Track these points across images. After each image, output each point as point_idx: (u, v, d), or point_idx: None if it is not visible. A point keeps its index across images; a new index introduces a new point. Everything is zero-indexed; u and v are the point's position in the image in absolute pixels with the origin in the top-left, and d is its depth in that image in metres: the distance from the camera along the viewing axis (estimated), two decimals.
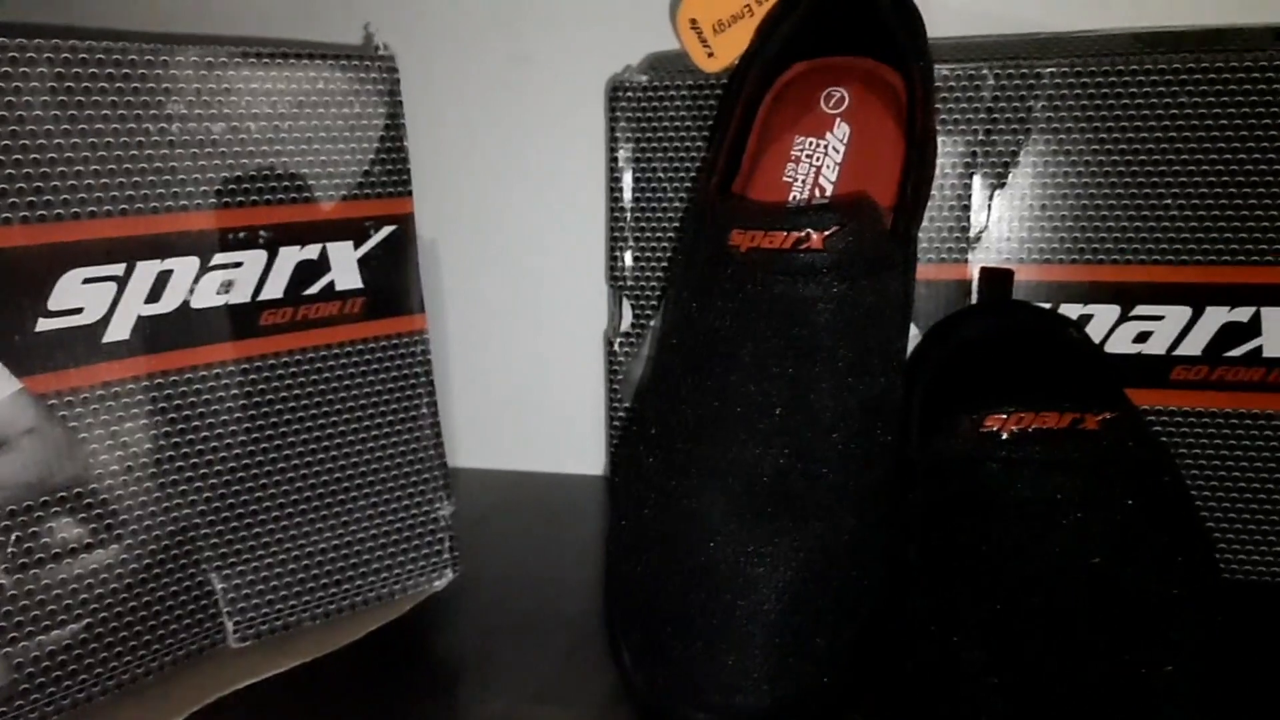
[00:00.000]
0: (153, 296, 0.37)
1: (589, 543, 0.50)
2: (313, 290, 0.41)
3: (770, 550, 0.36)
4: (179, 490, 0.39)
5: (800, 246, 0.34)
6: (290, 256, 0.40)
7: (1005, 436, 0.33)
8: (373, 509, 0.43)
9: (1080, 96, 0.43)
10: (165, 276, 0.37)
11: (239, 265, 0.39)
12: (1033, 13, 0.49)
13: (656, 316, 0.50)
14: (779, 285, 0.35)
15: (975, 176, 0.45)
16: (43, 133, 0.34)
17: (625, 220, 0.50)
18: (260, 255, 0.40)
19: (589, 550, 0.49)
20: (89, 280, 0.36)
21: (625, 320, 0.51)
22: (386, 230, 0.43)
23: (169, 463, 0.38)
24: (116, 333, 0.36)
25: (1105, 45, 0.45)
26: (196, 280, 0.38)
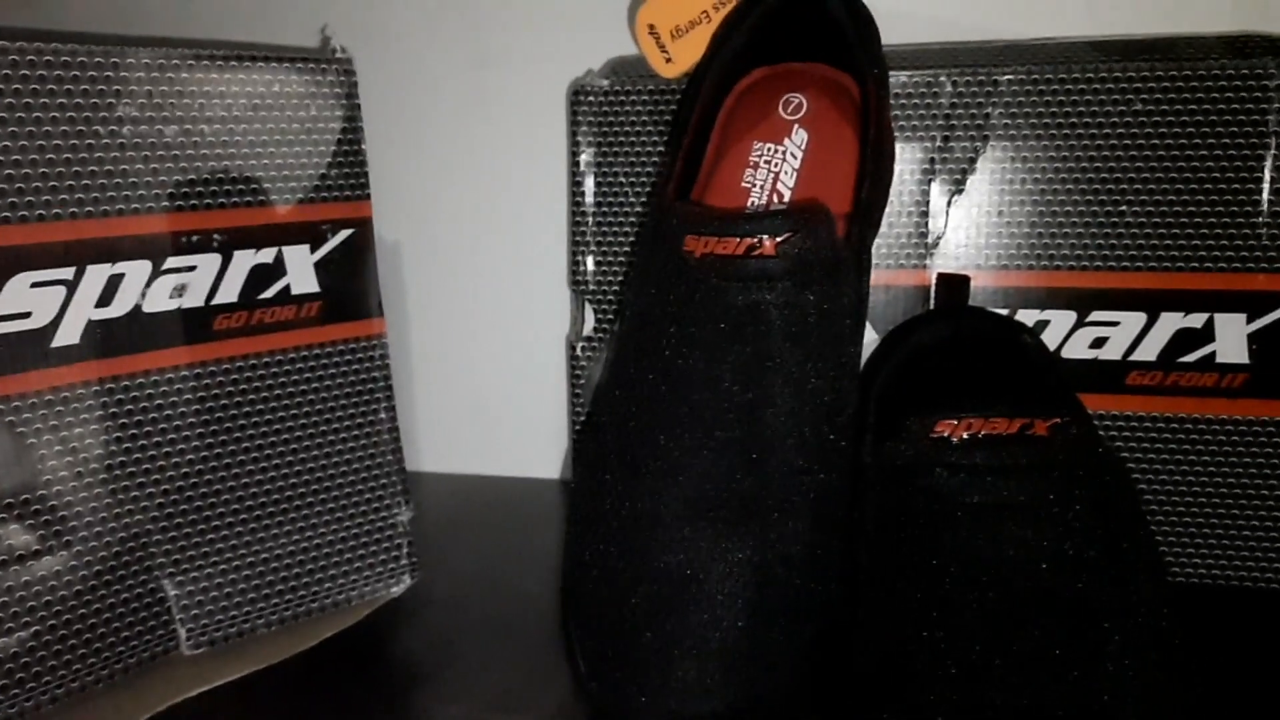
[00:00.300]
0: (103, 300, 0.37)
1: (551, 547, 0.50)
2: (268, 294, 0.41)
3: (725, 556, 0.36)
4: (131, 496, 0.38)
5: (753, 252, 0.34)
6: (245, 260, 0.40)
7: (956, 442, 0.33)
8: (329, 514, 0.43)
9: (1037, 104, 0.44)
10: (116, 280, 0.37)
11: (192, 269, 0.39)
12: (991, 20, 0.50)
13: (619, 321, 0.50)
14: (732, 291, 0.35)
15: (934, 183, 0.45)
16: None
17: (587, 224, 0.50)
18: (214, 259, 0.39)
19: (550, 555, 0.49)
20: (37, 284, 0.35)
21: (587, 324, 0.51)
22: (344, 233, 0.43)
23: (120, 468, 0.38)
24: (66, 337, 0.36)
25: (1062, 53, 0.45)
26: (148, 284, 0.38)
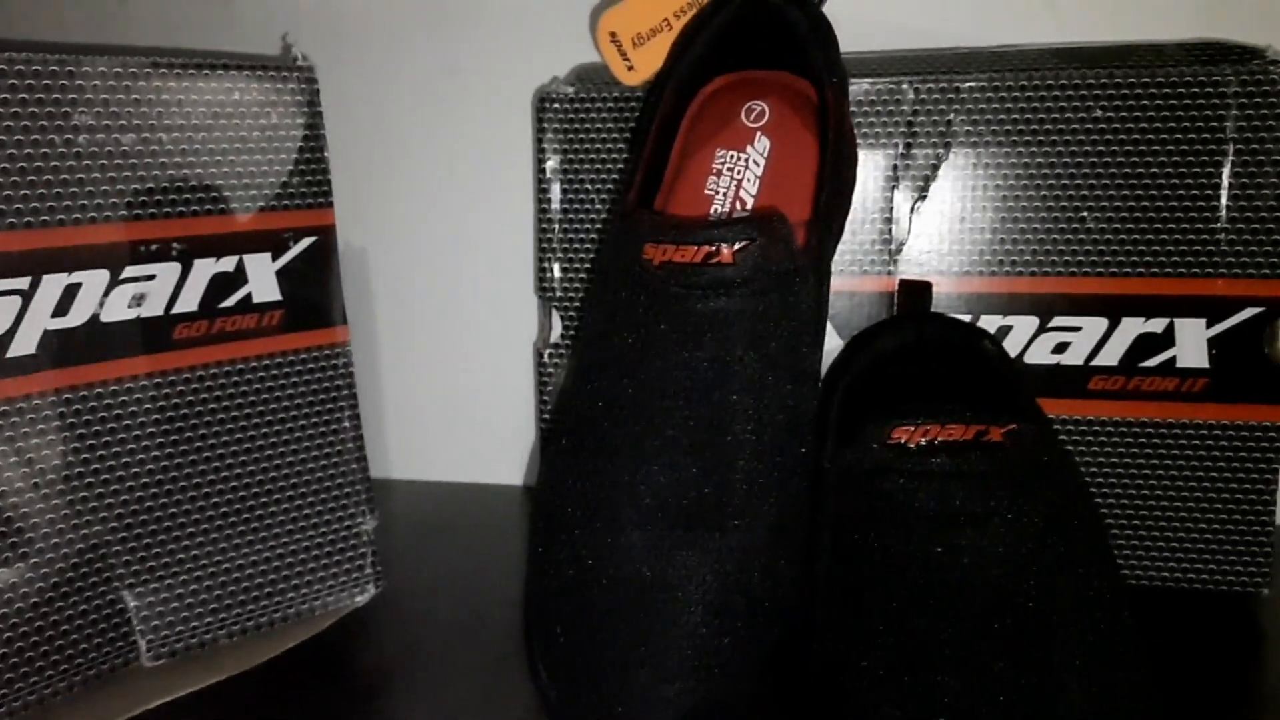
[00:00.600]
0: (60, 310, 0.37)
1: (519, 553, 0.50)
2: (229, 303, 0.41)
3: (686, 564, 0.35)
4: (89, 507, 0.38)
5: (711, 260, 0.34)
6: (205, 269, 0.40)
7: (913, 448, 0.33)
8: (292, 524, 0.43)
9: (999, 110, 0.44)
10: (74, 290, 0.37)
11: (151, 278, 0.39)
12: (953, 26, 0.50)
13: (581, 328, 0.50)
14: (691, 298, 0.35)
15: (897, 190, 0.45)
16: None
17: (554, 231, 0.50)
18: (174, 268, 0.39)
19: (518, 561, 0.49)
20: None
21: (555, 331, 0.51)
22: (307, 241, 0.42)
23: (79, 479, 0.38)
24: (22, 347, 0.36)
25: (1023, 60, 0.45)
26: (106, 293, 0.38)
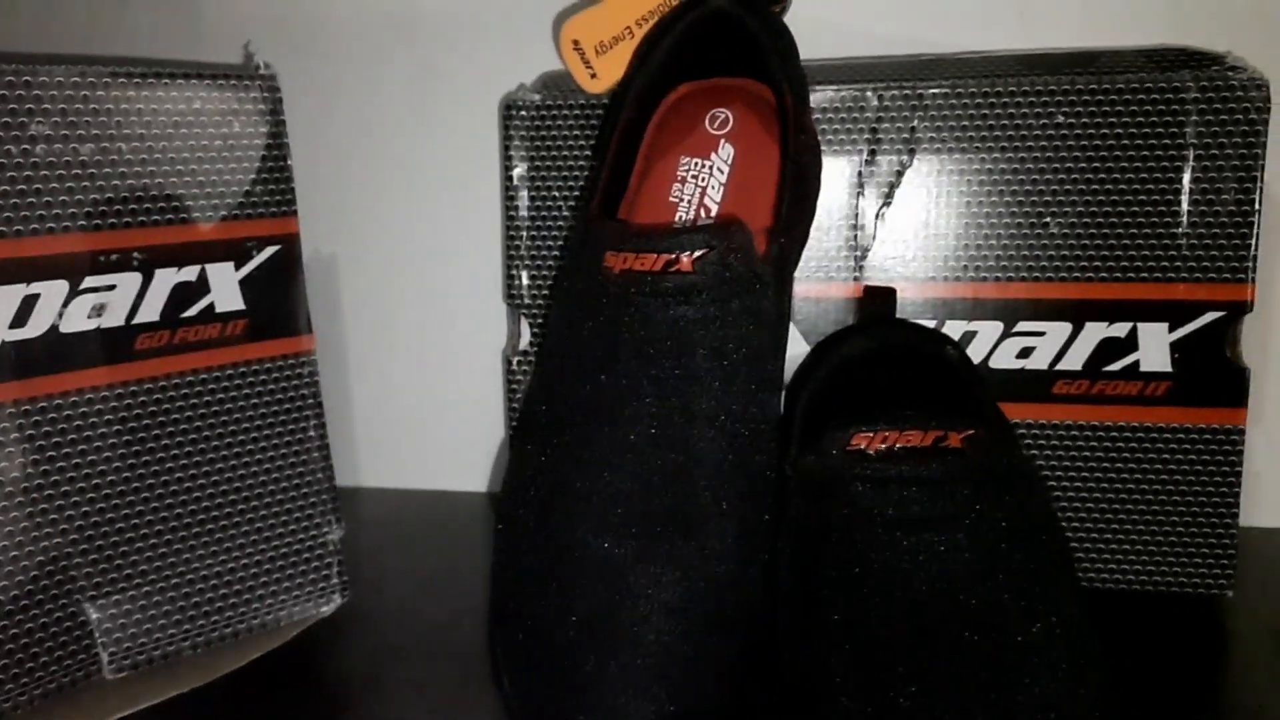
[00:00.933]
0: (18, 321, 0.36)
1: (486, 562, 0.49)
2: (191, 312, 0.41)
3: (650, 573, 0.35)
4: (50, 519, 0.38)
5: (671, 269, 0.34)
6: (167, 278, 0.40)
7: (872, 454, 0.33)
8: (257, 534, 0.43)
9: (961, 117, 0.44)
10: (32, 300, 0.37)
11: (112, 288, 0.38)
12: (917, 33, 0.50)
13: (543, 336, 0.50)
14: (651, 307, 0.35)
15: (862, 196, 0.45)
16: None
17: (521, 239, 0.50)
18: (135, 278, 0.39)
19: (485, 570, 0.49)
20: None
21: (523, 339, 0.51)
22: (270, 250, 0.42)
23: (39, 490, 0.37)
24: None
25: (986, 67, 0.46)
26: (65, 304, 0.37)
